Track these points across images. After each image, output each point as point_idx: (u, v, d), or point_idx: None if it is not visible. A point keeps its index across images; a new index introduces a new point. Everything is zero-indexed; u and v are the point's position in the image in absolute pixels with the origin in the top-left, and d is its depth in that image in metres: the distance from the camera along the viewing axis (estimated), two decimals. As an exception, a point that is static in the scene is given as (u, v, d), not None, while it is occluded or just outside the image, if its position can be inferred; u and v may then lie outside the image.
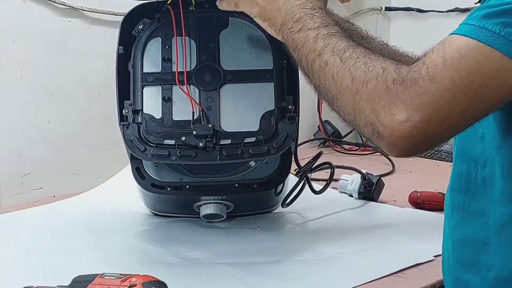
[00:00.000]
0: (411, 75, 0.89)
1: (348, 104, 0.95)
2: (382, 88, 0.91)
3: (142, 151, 1.29)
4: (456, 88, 0.87)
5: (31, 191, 1.71)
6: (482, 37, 0.86)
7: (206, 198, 1.38)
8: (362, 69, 0.94)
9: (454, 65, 0.87)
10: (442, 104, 0.87)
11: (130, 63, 1.33)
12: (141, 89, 1.31)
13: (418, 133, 0.88)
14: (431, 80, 0.88)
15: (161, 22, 1.34)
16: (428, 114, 0.88)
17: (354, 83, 0.94)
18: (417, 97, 0.88)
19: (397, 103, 0.89)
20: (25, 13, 1.67)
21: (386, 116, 0.89)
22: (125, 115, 1.32)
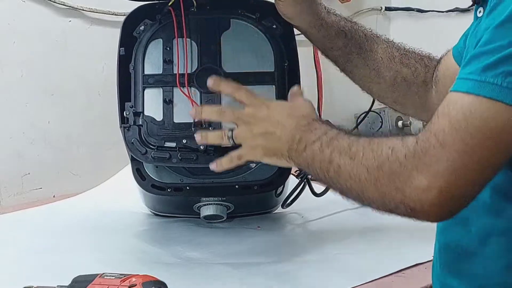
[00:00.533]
0: (421, 146, 0.89)
1: (374, 194, 0.95)
2: (396, 166, 0.91)
3: (143, 154, 1.29)
4: (469, 149, 0.86)
5: (31, 191, 1.71)
6: (485, 92, 0.84)
7: (207, 199, 1.38)
8: (372, 157, 0.94)
9: (462, 127, 0.86)
10: (459, 166, 0.87)
11: (131, 65, 1.33)
12: (142, 91, 1.31)
13: (446, 198, 0.88)
14: (442, 147, 0.87)
15: (162, 23, 1.33)
16: (449, 179, 0.87)
17: (370, 173, 0.94)
18: (433, 165, 0.87)
19: (416, 175, 0.89)
20: (25, 13, 1.67)
21: (410, 190, 0.89)
22: (126, 117, 1.31)
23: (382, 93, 1.34)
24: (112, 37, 1.79)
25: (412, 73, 1.30)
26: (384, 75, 1.31)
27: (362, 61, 1.32)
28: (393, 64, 1.31)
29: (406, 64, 1.31)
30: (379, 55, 1.32)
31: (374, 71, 1.32)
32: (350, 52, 1.32)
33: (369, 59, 1.32)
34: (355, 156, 0.97)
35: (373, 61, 1.32)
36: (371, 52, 1.32)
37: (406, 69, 1.30)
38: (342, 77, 1.94)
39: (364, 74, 1.34)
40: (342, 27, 1.31)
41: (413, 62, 1.31)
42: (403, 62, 1.31)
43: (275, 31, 1.36)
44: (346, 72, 1.36)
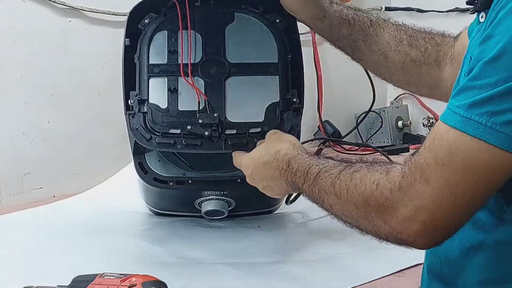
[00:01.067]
0: (406, 181, 0.91)
1: (368, 226, 0.97)
2: (382, 201, 0.93)
3: (147, 140, 1.29)
4: (452, 186, 0.88)
5: (31, 191, 1.71)
6: (469, 130, 0.85)
7: (208, 193, 1.39)
8: (357, 193, 0.96)
9: (446, 164, 0.87)
10: (442, 202, 0.88)
11: (136, 56, 1.34)
12: (147, 80, 1.32)
13: (430, 229, 0.90)
14: (427, 182, 0.89)
15: (167, 16, 1.35)
16: (432, 213, 0.89)
17: (359, 209, 0.96)
18: (417, 199, 0.89)
19: (401, 208, 0.91)
20: (25, 13, 1.67)
21: (397, 222, 0.92)
22: (131, 105, 1.31)
23: (394, 77, 1.35)
24: (112, 37, 1.80)
25: (421, 54, 1.31)
26: (393, 59, 1.32)
27: (368, 47, 1.34)
28: (401, 47, 1.32)
29: (415, 46, 1.31)
30: (385, 39, 1.33)
31: (382, 55, 1.33)
32: (356, 40, 1.33)
33: (376, 44, 1.33)
34: (341, 195, 1.00)
35: (380, 46, 1.33)
36: (376, 37, 1.33)
37: (415, 50, 1.31)
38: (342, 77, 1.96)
39: (373, 60, 1.35)
40: (345, 16, 1.33)
41: (423, 43, 1.31)
42: (411, 44, 1.31)
43: (278, 24, 1.37)
44: (356, 59, 1.38)
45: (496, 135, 0.84)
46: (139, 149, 1.38)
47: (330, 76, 2.21)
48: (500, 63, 0.83)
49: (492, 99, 0.84)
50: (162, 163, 1.39)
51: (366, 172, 0.97)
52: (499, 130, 0.84)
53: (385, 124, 2.25)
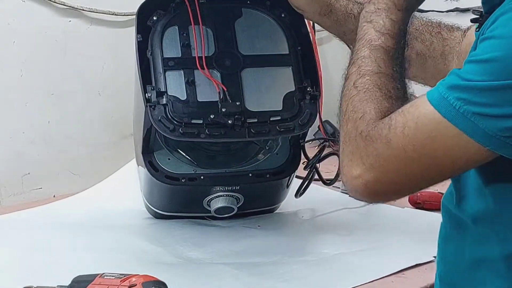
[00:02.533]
0: (375, 132, 0.93)
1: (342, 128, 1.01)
2: (353, 135, 0.96)
3: (171, 130, 1.29)
4: (408, 158, 0.90)
5: (31, 191, 1.71)
6: (442, 110, 0.88)
7: (220, 188, 1.39)
8: (353, 105, 0.99)
9: (410, 135, 0.90)
10: (392, 169, 0.92)
11: (148, 51, 1.34)
12: (163, 73, 1.32)
13: (369, 190, 0.94)
14: (387, 144, 0.91)
15: (176, 12, 1.36)
16: (378, 175, 0.92)
17: (344, 115, 1.00)
18: (372, 157, 0.92)
19: (356, 157, 0.94)
20: (25, 13, 1.67)
21: (346, 167, 0.96)
22: (149, 98, 1.31)
23: None
24: (112, 37, 1.80)
25: (427, 48, 1.32)
26: None
27: None
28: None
29: (420, 40, 1.32)
30: None
31: None
32: None
33: None
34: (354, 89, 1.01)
35: None
36: None
37: (420, 44, 1.31)
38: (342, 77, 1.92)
39: None
40: (350, 10, 1.33)
41: (429, 37, 1.32)
42: (416, 37, 1.32)
43: (285, 19, 1.39)
44: None
45: (466, 122, 0.86)
46: (149, 148, 1.38)
47: (330, 76, 2.20)
48: (490, 67, 0.86)
49: (471, 89, 0.86)
50: (171, 161, 1.39)
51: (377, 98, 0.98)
52: (469, 119, 0.86)
53: (385, 124, 2.25)
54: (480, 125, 0.85)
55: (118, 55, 1.80)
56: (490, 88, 0.85)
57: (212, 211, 1.41)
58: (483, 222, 0.99)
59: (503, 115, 0.85)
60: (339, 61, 2.24)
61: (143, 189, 1.50)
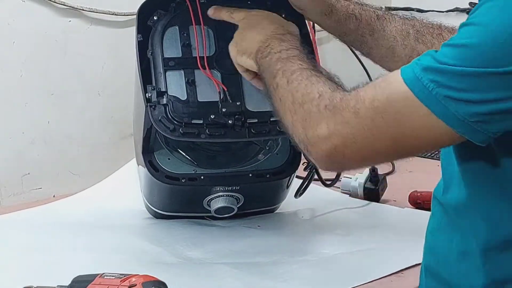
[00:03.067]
0: (341, 104, 0.95)
1: (288, 123, 1.04)
2: (314, 111, 0.98)
3: (171, 130, 1.29)
4: (375, 130, 0.92)
5: (31, 191, 1.71)
6: (415, 89, 0.89)
7: (221, 188, 1.39)
8: (301, 92, 1.02)
9: (380, 108, 0.92)
10: (360, 138, 0.93)
11: (148, 51, 1.34)
12: (164, 73, 1.33)
13: (337, 155, 0.96)
14: (355, 114, 0.93)
15: (176, 12, 1.36)
16: (345, 141, 0.95)
17: (293, 104, 1.02)
18: (340, 124, 0.94)
19: (322, 124, 0.96)
20: (25, 13, 1.67)
21: (312, 134, 0.97)
22: (149, 97, 1.31)
23: None
24: (112, 37, 1.80)
25: (428, 49, 1.31)
26: (400, 53, 1.33)
27: (375, 42, 1.35)
28: (407, 41, 1.33)
29: (421, 41, 1.32)
30: (392, 33, 1.34)
31: (389, 50, 1.34)
32: (363, 34, 1.35)
33: (382, 38, 1.34)
34: (291, 83, 1.04)
35: (387, 40, 1.34)
36: (383, 32, 1.34)
37: (421, 45, 1.32)
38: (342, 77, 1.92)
39: (380, 54, 1.36)
40: (351, 11, 1.34)
41: (430, 38, 1.32)
42: (418, 38, 1.32)
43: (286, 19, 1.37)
44: (364, 54, 1.40)
45: (437, 104, 0.88)
46: (149, 148, 1.38)
47: (330, 76, 2.20)
48: (465, 53, 0.87)
49: (445, 73, 0.87)
50: (171, 161, 1.39)
51: (321, 81, 1.02)
52: (440, 101, 0.88)
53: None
54: (451, 108, 0.87)
55: (118, 55, 1.80)
56: (463, 74, 0.86)
57: (212, 211, 1.41)
58: (463, 213, 1.00)
59: (473, 100, 0.87)
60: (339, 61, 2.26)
61: (143, 189, 1.50)
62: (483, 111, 0.87)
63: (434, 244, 1.05)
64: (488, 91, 0.86)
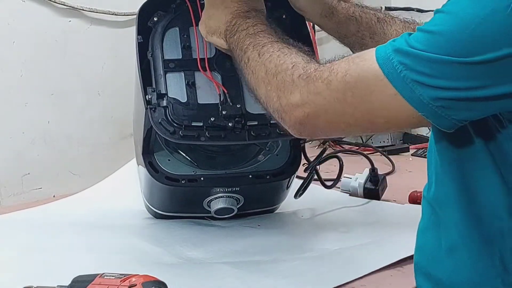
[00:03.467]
0: (315, 74, 0.98)
1: (262, 94, 1.06)
2: (288, 80, 1.00)
3: (171, 133, 1.29)
4: (345, 103, 0.95)
5: (31, 191, 1.71)
6: (385, 70, 0.91)
7: (220, 189, 1.39)
8: (274, 63, 1.04)
9: (351, 82, 0.94)
10: (330, 108, 0.96)
11: (149, 52, 1.34)
12: (164, 75, 1.32)
13: (309, 122, 0.99)
14: (327, 85, 0.96)
15: (176, 13, 1.36)
16: (317, 111, 0.97)
17: (267, 75, 1.04)
18: (312, 94, 0.97)
19: (296, 93, 0.99)
20: (25, 13, 1.67)
21: (286, 102, 1.00)
22: (149, 99, 1.31)
23: None
24: (112, 37, 1.80)
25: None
26: None
27: (375, 45, 1.33)
28: None
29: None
30: (392, 36, 1.33)
31: None
32: (363, 37, 1.35)
33: (382, 41, 1.32)
34: (263, 55, 1.07)
35: None
36: (384, 35, 1.34)
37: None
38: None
39: None
40: (352, 13, 1.34)
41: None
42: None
43: (286, 20, 1.39)
44: None
45: (404, 86, 0.90)
46: (149, 149, 1.38)
47: (330, 76, 2.21)
48: (435, 40, 0.89)
49: (414, 56, 0.89)
50: (171, 162, 1.39)
51: (294, 52, 1.04)
52: (407, 84, 0.89)
53: (385, 123, 2.25)
54: (416, 91, 0.89)
55: (118, 55, 1.80)
56: (430, 60, 0.88)
57: (212, 212, 1.41)
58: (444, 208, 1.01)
59: (437, 86, 0.88)
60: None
61: (143, 189, 1.50)
62: (447, 96, 0.88)
63: (423, 243, 1.05)
64: (454, 79, 0.87)
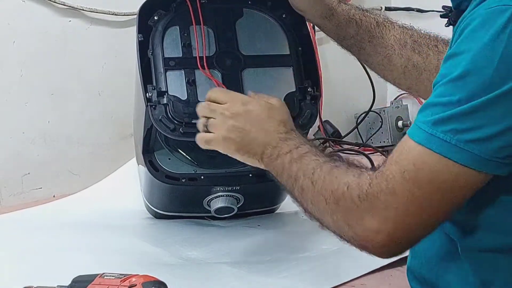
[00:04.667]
0: (373, 189, 0.92)
1: (331, 224, 0.99)
2: (351, 205, 0.93)
3: (172, 130, 1.29)
4: (417, 200, 0.89)
5: (31, 191, 1.71)
6: (434, 147, 0.87)
7: (221, 188, 1.39)
8: (330, 189, 0.97)
9: (412, 178, 0.89)
10: (406, 214, 0.90)
11: (149, 51, 1.34)
12: (164, 73, 1.32)
13: (393, 240, 0.92)
14: (392, 194, 0.90)
15: (177, 12, 1.36)
16: (397, 224, 0.90)
17: (328, 204, 0.97)
18: (382, 210, 0.91)
19: (367, 217, 0.92)
20: (25, 13, 1.67)
21: (361, 230, 0.93)
22: (150, 97, 1.31)
23: (397, 80, 1.36)
24: (112, 37, 1.80)
25: (423, 60, 1.32)
26: (396, 62, 1.33)
27: (373, 48, 1.34)
28: (404, 51, 1.32)
29: (418, 51, 1.32)
30: (390, 41, 1.34)
31: (385, 58, 1.34)
32: (361, 40, 1.34)
33: (380, 46, 1.34)
34: (316, 184, 1.00)
35: (384, 48, 1.33)
36: (382, 39, 1.33)
37: (417, 56, 1.32)
38: (342, 77, 1.96)
39: (377, 62, 1.36)
40: (352, 15, 1.34)
41: (426, 49, 1.32)
42: (414, 49, 1.32)
43: (286, 20, 1.39)
44: (362, 61, 1.39)
45: (461, 153, 0.85)
46: (149, 147, 1.39)
47: (330, 76, 2.21)
48: (463, 83, 0.85)
49: (455, 117, 0.85)
50: (172, 161, 1.39)
51: (343, 171, 0.97)
52: (463, 148, 0.85)
53: (385, 124, 2.25)
54: (475, 151, 0.85)
55: (118, 55, 1.80)
56: (471, 110, 0.84)
57: (212, 211, 1.41)
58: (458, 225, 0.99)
59: (492, 134, 0.84)
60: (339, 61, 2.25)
61: (143, 189, 1.50)
62: (505, 143, 0.84)
63: (418, 247, 1.05)
64: (501, 119, 0.84)
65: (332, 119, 2.25)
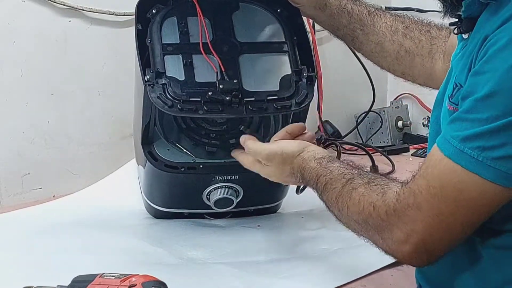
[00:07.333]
0: (401, 205, 0.95)
1: (368, 238, 1.05)
2: (379, 221, 0.99)
3: (169, 106, 1.29)
4: (443, 215, 0.92)
5: (31, 191, 1.71)
6: (462, 162, 0.89)
7: (220, 178, 1.40)
8: (356, 212, 1.03)
9: (438, 194, 0.91)
10: (433, 228, 0.93)
11: (147, 39, 1.35)
12: (162, 57, 1.33)
13: (421, 251, 0.95)
14: (419, 209, 0.93)
15: (174, 5, 1.38)
16: (423, 237, 0.94)
17: (360, 224, 1.03)
18: (410, 224, 0.94)
19: (395, 230, 0.96)
20: (25, 13, 1.67)
21: (392, 243, 0.98)
22: (148, 79, 1.31)
23: (390, 67, 1.39)
24: (112, 37, 1.80)
25: (415, 45, 1.35)
26: (388, 48, 1.36)
27: (365, 37, 1.37)
28: (396, 37, 1.35)
29: (409, 37, 1.35)
30: (382, 29, 1.37)
31: (378, 45, 1.36)
32: (354, 29, 1.37)
33: (372, 33, 1.37)
34: (342, 210, 1.07)
35: (376, 36, 1.36)
36: (373, 27, 1.36)
37: (409, 41, 1.34)
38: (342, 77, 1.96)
39: (370, 50, 1.38)
40: (344, 5, 1.37)
41: (417, 35, 1.34)
42: (406, 34, 1.35)
43: (282, 12, 1.41)
44: (356, 49, 1.43)
45: (487, 170, 0.87)
46: (148, 139, 1.39)
47: (330, 76, 2.21)
48: (491, 102, 0.87)
49: (483, 134, 0.87)
50: (171, 152, 1.40)
51: (364, 192, 1.02)
52: (490, 165, 0.87)
53: (385, 124, 2.25)
54: (502, 168, 0.87)
55: (118, 55, 1.80)
56: (498, 129, 0.86)
57: (212, 203, 1.41)
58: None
59: None
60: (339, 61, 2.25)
61: (143, 187, 1.50)
62: None
63: None
64: None
65: (332, 119, 2.24)
